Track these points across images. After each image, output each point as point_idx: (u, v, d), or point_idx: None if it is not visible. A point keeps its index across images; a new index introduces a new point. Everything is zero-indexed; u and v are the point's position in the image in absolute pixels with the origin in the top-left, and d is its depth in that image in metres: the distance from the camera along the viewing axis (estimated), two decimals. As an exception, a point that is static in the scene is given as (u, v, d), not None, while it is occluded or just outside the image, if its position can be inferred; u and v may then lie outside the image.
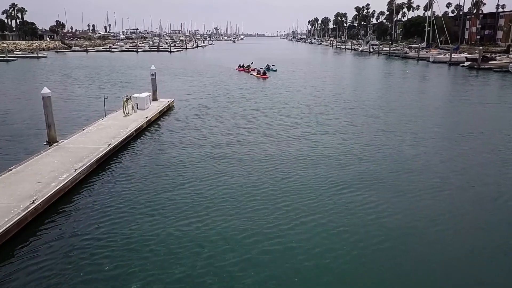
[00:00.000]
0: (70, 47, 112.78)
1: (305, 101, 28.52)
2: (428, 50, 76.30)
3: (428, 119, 23.02)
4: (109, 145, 15.03)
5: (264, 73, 43.11)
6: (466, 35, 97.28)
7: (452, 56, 61.58)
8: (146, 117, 20.06)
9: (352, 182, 12.78)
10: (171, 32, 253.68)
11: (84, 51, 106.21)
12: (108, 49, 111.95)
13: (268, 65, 49.64)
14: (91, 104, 25.72)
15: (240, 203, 11.15)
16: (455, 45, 68.68)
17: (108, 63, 67.95)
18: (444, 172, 13.86)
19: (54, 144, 14.94)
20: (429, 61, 66.74)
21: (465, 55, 62.54)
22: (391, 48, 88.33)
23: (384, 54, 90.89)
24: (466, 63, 55.24)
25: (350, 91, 34.64)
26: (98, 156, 13.75)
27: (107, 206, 10.84)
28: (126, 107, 20.55)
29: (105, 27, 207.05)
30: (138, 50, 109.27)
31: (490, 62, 52.06)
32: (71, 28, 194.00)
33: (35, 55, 79.94)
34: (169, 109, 24.40)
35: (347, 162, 14.74)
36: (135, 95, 22.06)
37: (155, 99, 25.10)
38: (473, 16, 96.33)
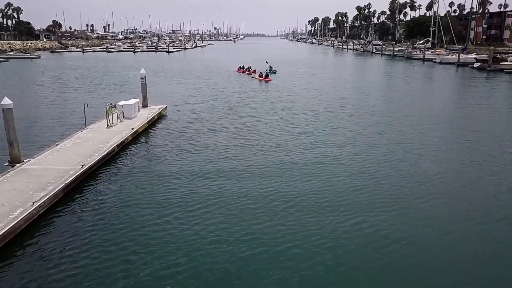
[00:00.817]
0: (67, 47, 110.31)
1: (309, 107, 26.19)
2: (433, 50, 73.94)
3: (444, 127, 20.75)
4: (82, 166, 12.66)
5: (267, 76, 40.61)
6: (471, 35, 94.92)
7: (460, 56, 59.17)
8: (132, 128, 17.69)
9: (368, 207, 10.57)
10: (171, 32, 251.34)
11: (80, 51, 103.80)
12: (105, 49, 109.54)
13: (270, 67, 47.06)
14: (75, 111, 23.26)
15: (238, 234, 9.14)
16: (463, 46, 66.27)
17: (103, 63, 65.58)
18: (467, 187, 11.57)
19: (17, 165, 12.57)
20: (435, 62, 64.35)
21: (474, 55, 60.22)
22: (395, 49, 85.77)
23: (387, 55, 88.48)
24: (476, 64, 52.87)
25: (356, 94, 32.29)
26: (67, 182, 11.39)
27: (67, 255, 8.48)
28: (110, 117, 18.19)
29: (104, 27, 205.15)
30: (136, 50, 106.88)
31: (501, 63, 49.66)
32: (70, 28, 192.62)
33: (28, 55, 77.55)
34: (160, 117, 22.03)
35: (360, 182, 12.48)
36: (121, 102, 19.69)
37: (145, 105, 22.74)
38: (478, 15, 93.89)
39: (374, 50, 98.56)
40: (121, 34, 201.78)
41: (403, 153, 15.79)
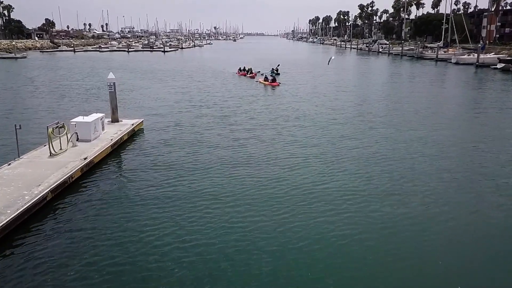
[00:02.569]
0: (58, 47, 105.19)
1: (317, 118, 21.32)
2: (446, 49, 68.91)
3: (490, 146, 15.76)
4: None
5: (274, 80, 34.85)
6: (483, 33, 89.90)
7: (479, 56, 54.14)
8: (85, 158, 12.71)
9: None
10: (170, 31, 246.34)
11: (71, 50, 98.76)
12: (97, 49, 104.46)
13: (272, 69, 41.97)
14: (26, 129, 17.93)
15: None
16: (481, 44, 61.22)
17: (91, 64, 60.62)
18: None
19: None
20: (450, 62, 59.36)
21: (492, 55, 55.28)
22: (405, 48, 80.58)
23: (395, 54, 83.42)
24: (499, 65, 47.84)
25: (372, 101, 27.27)
26: None
27: None
28: (56, 141, 13.23)
29: (102, 26, 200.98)
30: (130, 50, 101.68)
31: (529, 64, 44.75)
32: (68, 27, 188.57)
33: (13, 55, 72.49)
34: (133, 135, 17.08)
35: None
36: (76, 120, 14.69)
37: (115, 120, 17.77)
38: (491, 12, 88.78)
39: (380, 50, 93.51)
40: (118, 33, 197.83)
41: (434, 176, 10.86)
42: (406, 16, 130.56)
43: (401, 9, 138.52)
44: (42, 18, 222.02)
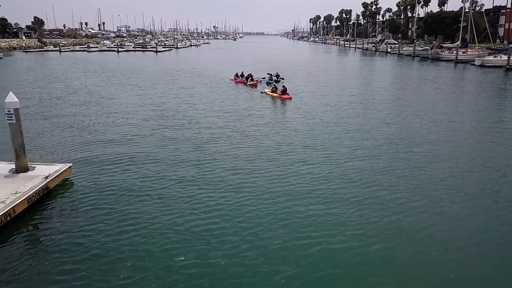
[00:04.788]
0: (43, 46, 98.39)
1: (333, 142, 14.95)
2: (464, 50, 62.14)
3: None
4: None
5: (285, 91, 26.67)
6: (501, 32, 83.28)
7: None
8: None
9: None
10: (168, 30, 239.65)
11: (57, 50, 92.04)
12: (86, 49, 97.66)
13: (270, 75, 34.63)
14: None
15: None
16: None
17: (68, 65, 54.09)
18: None
19: None
20: (473, 64, 52.59)
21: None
22: (419, 48, 73.59)
23: (406, 55, 76.61)
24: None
25: (402, 118, 20.46)
26: None
27: None
28: None
29: (99, 25, 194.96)
30: (120, 50, 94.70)
31: None
32: (64, 26, 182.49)
33: (-19, 56, 65.82)
34: (47, 193, 10.41)
35: None
36: None
37: (22, 168, 11.07)
38: (509, 10, 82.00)
39: (389, 50, 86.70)
40: (114, 32, 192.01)
41: None
42: (415, 14, 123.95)
43: (408, 7, 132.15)
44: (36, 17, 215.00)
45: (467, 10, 68.01)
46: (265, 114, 21.52)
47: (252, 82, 33.13)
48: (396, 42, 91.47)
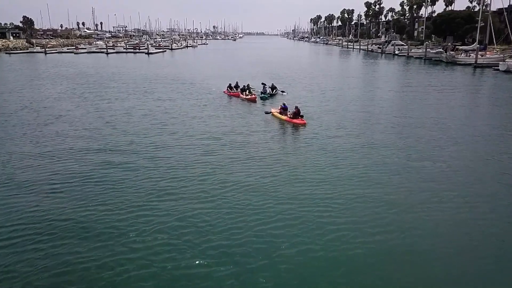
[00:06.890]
0: (28, 47, 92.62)
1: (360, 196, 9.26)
2: (483, 53, 56.38)
3: None
4: None
5: (297, 114, 19.84)
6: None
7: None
8: None
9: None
10: (167, 30, 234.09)
11: (43, 52, 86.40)
12: (73, 50, 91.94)
13: (264, 86, 28.37)
14: None
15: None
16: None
17: (44, 69, 48.39)
18: None
19: None
20: (497, 69, 46.77)
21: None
22: (432, 51, 67.61)
23: (416, 58, 70.78)
24: None
25: (438, 139, 14.80)
26: None
27: None
28: None
29: (96, 25, 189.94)
30: (109, 51, 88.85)
31: None
32: (61, 26, 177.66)
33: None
34: None
35: None
36: None
37: None
38: (527, 9, 76.22)
39: (397, 52, 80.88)
40: (110, 32, 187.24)
41: None
42: (423, 14, 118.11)
43: (414, 6, 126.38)
44: (30, 16, 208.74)
45: (485, 9, 62.01)
46: (273, 154, 14.91)
47: (250, 96, 26.72)
48: (404, 44, 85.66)
